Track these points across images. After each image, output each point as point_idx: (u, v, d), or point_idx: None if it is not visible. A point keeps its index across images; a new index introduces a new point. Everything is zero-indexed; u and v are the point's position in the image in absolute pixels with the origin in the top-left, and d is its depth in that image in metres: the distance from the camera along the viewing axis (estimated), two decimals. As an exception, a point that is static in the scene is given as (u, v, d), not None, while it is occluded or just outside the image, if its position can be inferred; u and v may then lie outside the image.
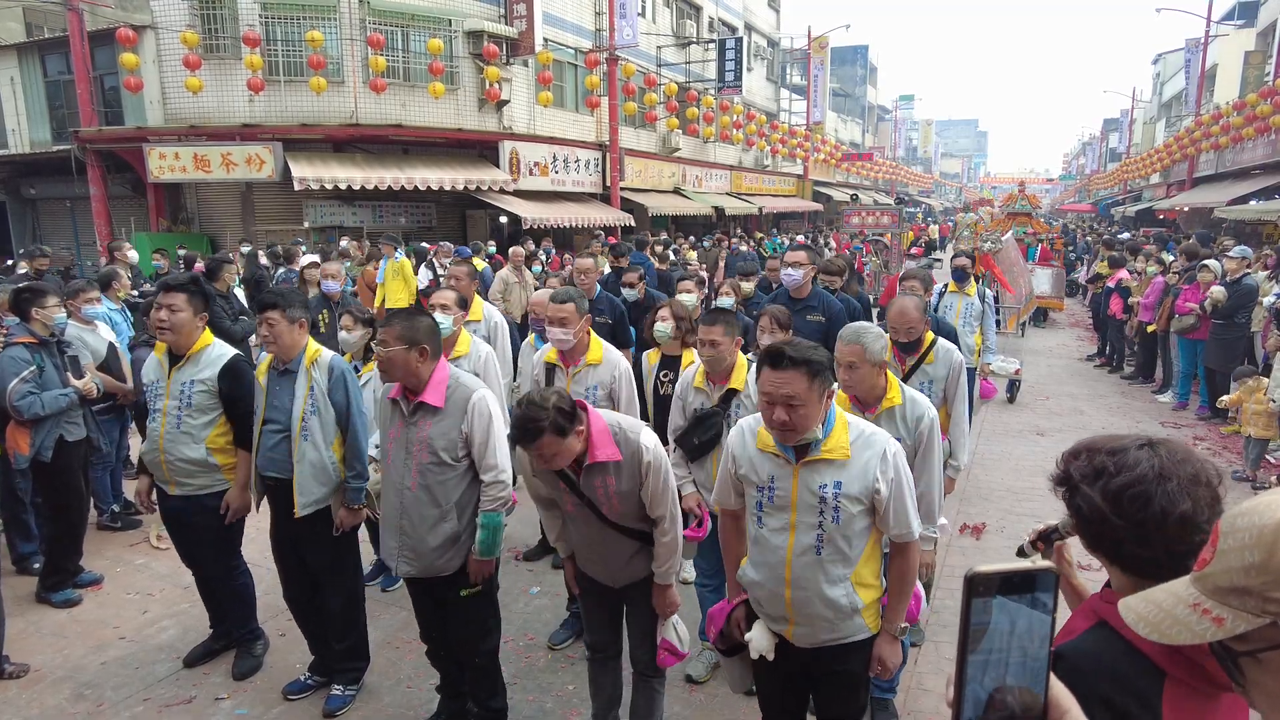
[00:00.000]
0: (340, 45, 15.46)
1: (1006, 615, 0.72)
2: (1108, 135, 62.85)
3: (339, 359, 3.82)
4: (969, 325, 7.13)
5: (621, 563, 3.08)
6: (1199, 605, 0.90)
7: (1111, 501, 1.31)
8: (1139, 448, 1.34)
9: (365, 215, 16.70)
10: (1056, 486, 1.44)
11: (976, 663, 0.72)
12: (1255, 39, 27.01)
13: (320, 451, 3.64)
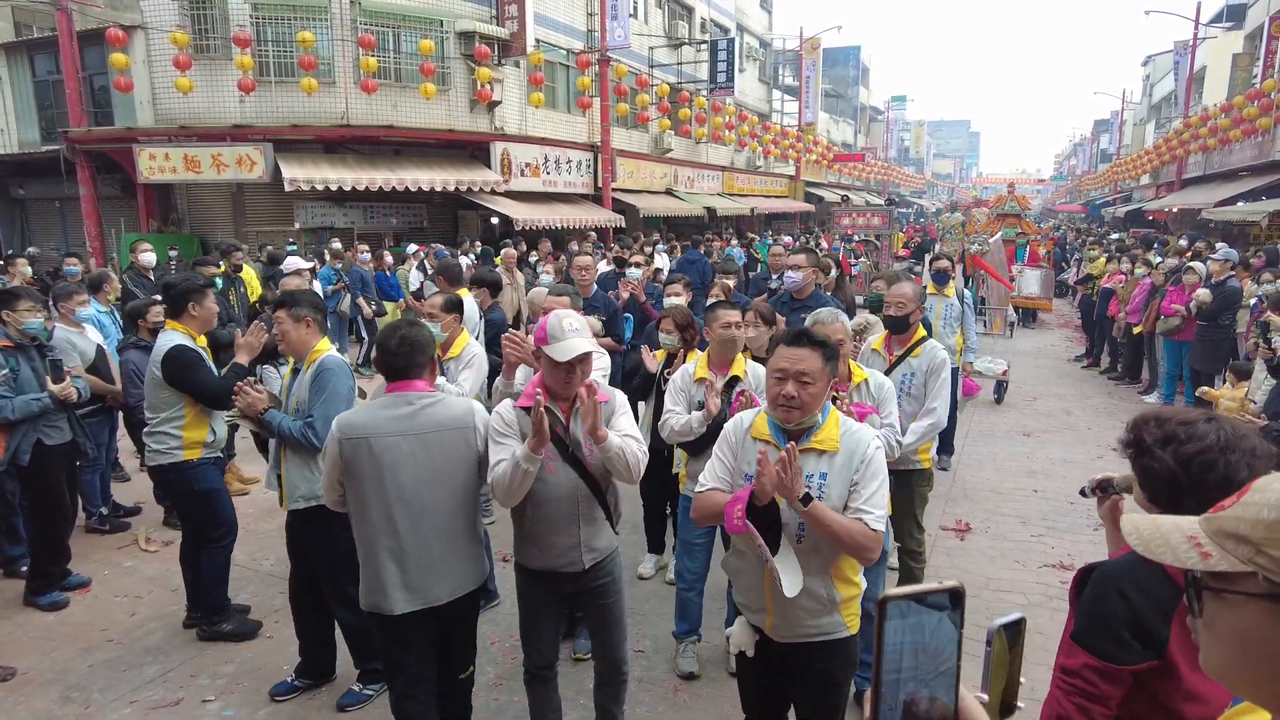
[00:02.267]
0: (331, 46, 15.44)
1: (919, 632, 0.76)
2: (1098, 136, 63.20)
3: (333, 357, 3.76)
4: (949, 326, 7.21)
5: (592, 534, 3.02)
6: (1195, 539, 0.96)
7: (1183, 465, 1.54)
8: (1206, 421, 1.58)
9: (356, 216, 16.69)
10: (1125, 449, 1.68)
11: (892, 677, 0.76)
12: (1243, 42, 27.17)
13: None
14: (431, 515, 2.94)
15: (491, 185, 16.56)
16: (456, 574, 3.03)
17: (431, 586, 2.97)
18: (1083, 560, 5.45)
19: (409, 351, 2.95)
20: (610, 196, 20.09)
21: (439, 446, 2.93)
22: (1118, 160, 44.08)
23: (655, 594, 5.02)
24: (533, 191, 18.16)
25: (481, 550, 3.20)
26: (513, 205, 16.85)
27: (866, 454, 2.52)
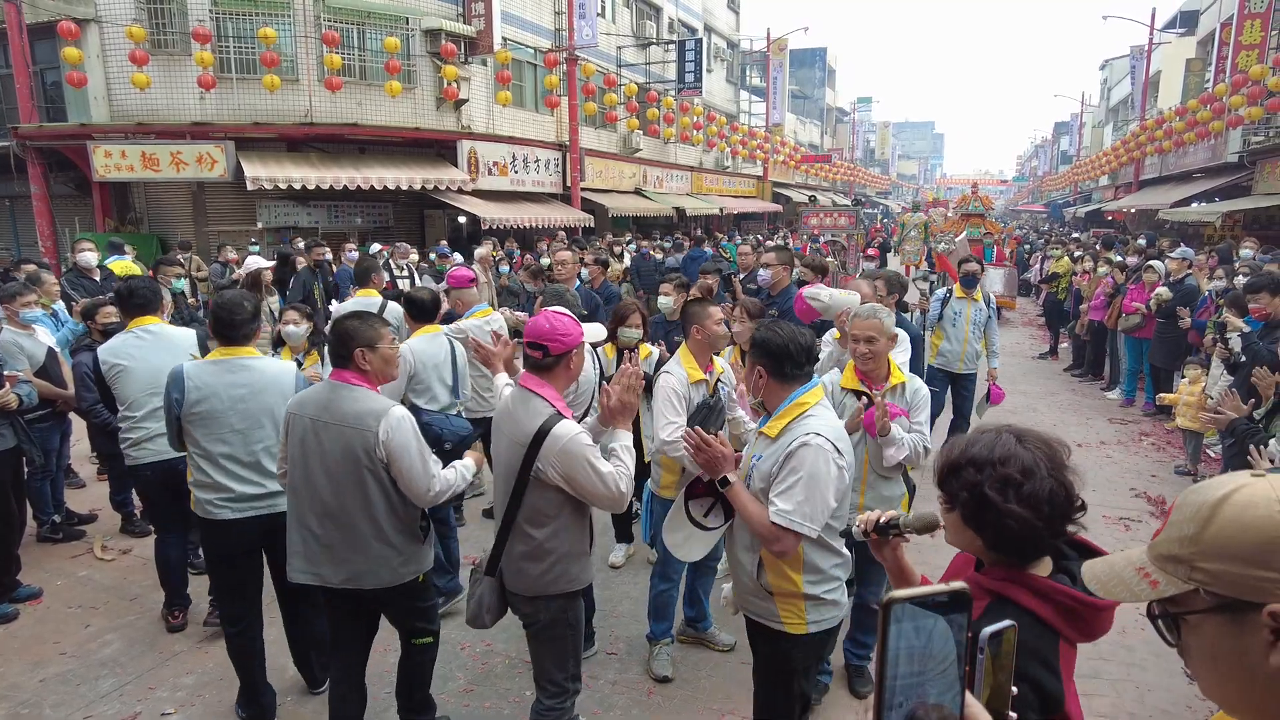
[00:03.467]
0: (294, 43, 15.18)
1: (922, 637, 0.73)
2: (1059, 138, 64.35)
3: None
4: (976, 331, 7.12)
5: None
6: (1142, 569, 1.00)
7: (1033, 508, 1.45)
8: (1018, 444, 1.48)
9: (320, 215, 16.42)
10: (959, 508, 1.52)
11: (895, 683, 0.73)
12: (1195, 47, 27.84)
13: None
14: (327, 502, 3.03)
15: (459, 184, 16.39)
16: (354, 566, 3.06)
17: (323, 567, 3.07)
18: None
19: (335, 342, 3.07)
20: (579, 196, 20.01)
21: (337, 439, 2.97)
22: (1078, 162, 44.95)
23: (628, 595, 4.98)
24: (501, 190, 18.02)
25: (400, 557, 3.12)
26: (480, 204, 16.70)
27: (791, 447, 2.58)
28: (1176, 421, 7.31)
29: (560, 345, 2.77)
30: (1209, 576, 0.92)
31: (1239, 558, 0.90)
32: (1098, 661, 4.24)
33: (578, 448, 2.67)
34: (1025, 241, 21.25)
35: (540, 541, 2.79)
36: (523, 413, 2.76)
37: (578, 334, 2.82)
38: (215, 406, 3.47)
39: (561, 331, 2.77)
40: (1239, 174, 20.72)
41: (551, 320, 2.81)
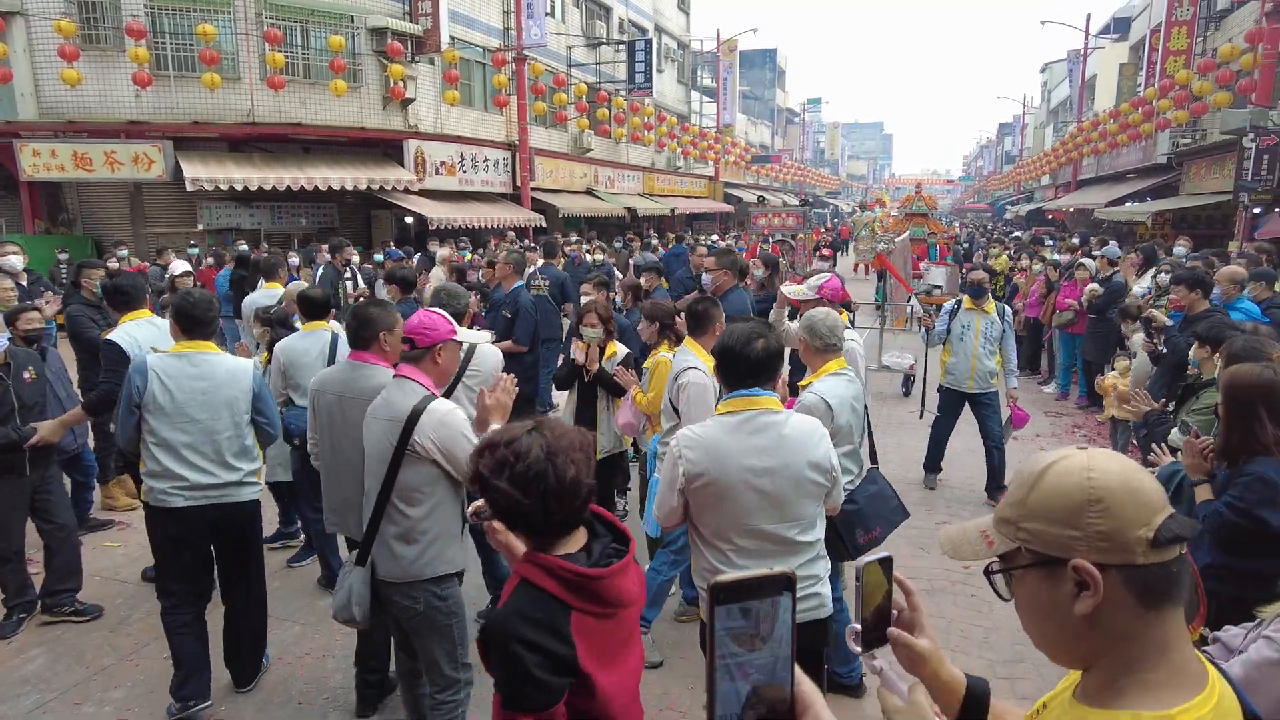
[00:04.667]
0: (235, 40, 14.85)
1: (749, 619, 0.77)
2: (1003, 139, 66.02)
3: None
4: (988, 347, 6.54)
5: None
6: (984, 531, 1.14)
7: (519, 485, 1.64)
8: (528, 433, 1.69)
9: (263, 217, 16.11)
10: (472, 485, 1.75)
11: (725, 665, 0.76)
12: (1128, 52, 28.81)
13: None
14: (355, 466, 3.24)
15: (405, 184, 16.22)
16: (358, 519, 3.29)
17: (350, 521, 3.45)
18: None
19: (358, 326, 3.40)
20: (529, 196, 19.93)
21: (359, 412, 3.17)
22: (1020, 162, 46.17)
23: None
24: (448, 190, 17.87)
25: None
26: (428, 204, 16.54)
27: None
28: (1105, 413, 7.56)
29: (426, 339, 2.98)
30: (1030, 535, 1.06)
31: (1052, 519, 1.04)
32: (1023, 646, 4.37)
33: (455, 421, 2.88)
34: (960, 241, 21.77)
35: (415, 521, 2.90)
36: (398, 395, 2.93)
37: (445, 330, 3.02)
38: (178, 397, 3.59)
39: (429, 326, 3.00)
40: (1168, 174, 21.51)
41: (423, 317, 3.04)
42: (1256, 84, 14.85)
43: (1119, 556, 1.00)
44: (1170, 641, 1.03)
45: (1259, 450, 2.81)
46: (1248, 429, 2.83)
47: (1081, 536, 1.01)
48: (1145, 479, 1.04)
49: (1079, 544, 1.02)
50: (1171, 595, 1.02)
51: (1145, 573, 1.01)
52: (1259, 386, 2.80)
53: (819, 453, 2.65)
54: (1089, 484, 1.03)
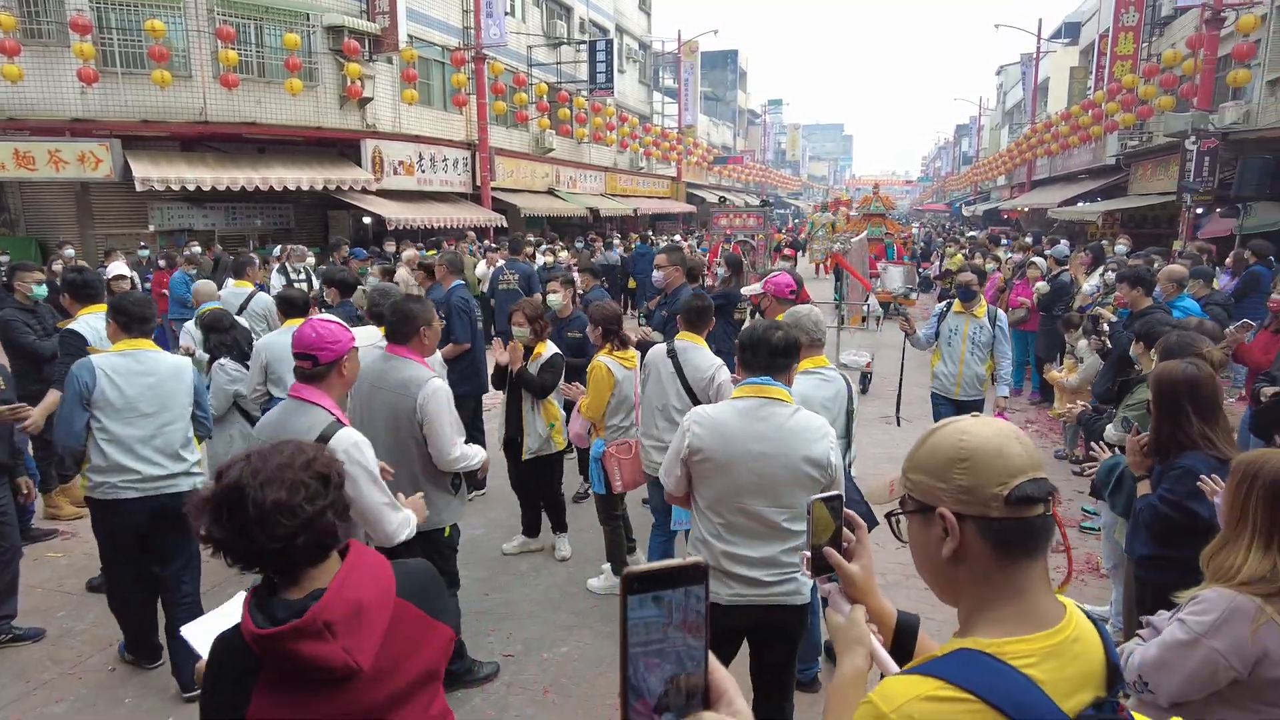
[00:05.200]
0: (186, 37, 14.52)
1: (663, 608, 0.78)
2: (960, 140, 67.18)
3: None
4: (976, 354, 6.28)
5: None
6: (891, 481, 1.31)
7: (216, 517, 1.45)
8: (236, 464, 1.49)
9: (217, 218, 15.78)
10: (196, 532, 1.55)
11: (637, 654, 0.77)
12: (1079, 56, 29.53)
13: None
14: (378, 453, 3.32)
15: (363, 184, 16.02)
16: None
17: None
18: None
19: (398, 321, 3.57)
20: (489, 196, 19.81)
21: (385, 402, 3.51)
22: (977, 163, 47.03)
23: (529, 597, 4.98)
24: (407, 190, 17.68)
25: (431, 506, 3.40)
26: (386, 204, 16.36)
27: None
28: (1056, 409, 7.74)
29: (330, 353, 2.76)
30: (913, 485, 1.23)
31: (928, 471, 1.21)
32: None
33: (360, 456, 2.69)
34: (916, 241, 22.16)
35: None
36: (301, 423, 2.70)
37: (347, 340, 2.81)
38: (127, 393, 3.71)
39: (330, 339, 2.76)
40: (1117, 175, 22.11)
41: (318, 329, 2.77)
42: (1197, 88, 15.32)
43: (976, 509, 1.15)
44: (1021, 587, 1.16)
45: (1187, 445, 2.91)
46: (1175, 424, 2.93)
47: (947, 489, 1.17)
48: (1012, 446, 1.16)
49: (945, 495, 1.18)
50: (1025, 548, 1.16)
51: (999, 525, 1.15)
52: (1184, 382, 2.90)
53: (817, 449, 2.75)
54: (959, 444, 1.18)
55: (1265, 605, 1.97)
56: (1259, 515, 2.02)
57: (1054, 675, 1.11)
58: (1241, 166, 13.16)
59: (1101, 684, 1.14)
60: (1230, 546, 2.08)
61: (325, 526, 1.51)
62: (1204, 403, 2.91)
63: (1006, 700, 1.06)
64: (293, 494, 1.46)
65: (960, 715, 1.07)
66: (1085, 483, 5.77)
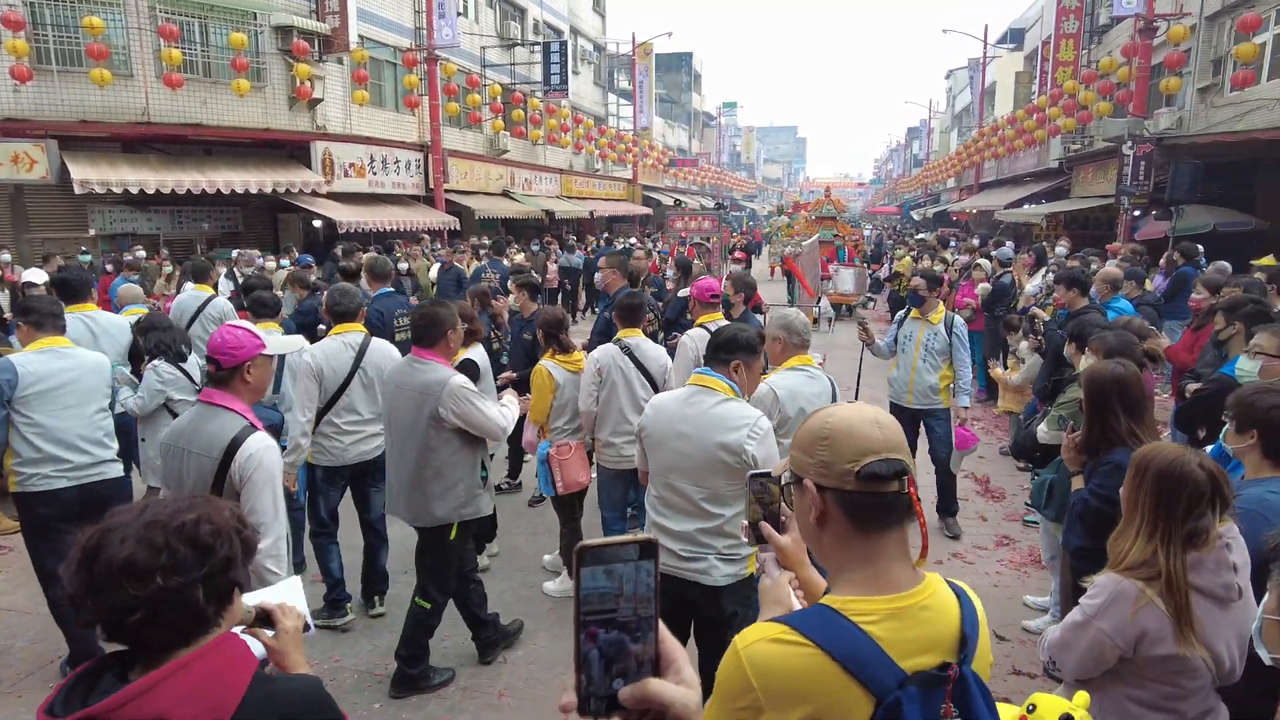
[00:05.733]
0: (127, 34, 14.14)
1: (613, 580, 0.82)
2: (911, 143, 68.44)
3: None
4: (929, 361, 5.93)
5: None
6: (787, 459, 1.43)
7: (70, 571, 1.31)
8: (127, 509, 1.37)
9: (162, 221, 15.39)
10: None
11: (589, 623, 0.82)
12: (1023, 61, 30.32)
13: None
14: (404, 452, 3.80)
15: (313, 187, 15.77)
16: (414, 505, 3.81)
17: (399, 506, 3.90)
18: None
19: (425, 325, 3.78)
20: (443, 198, 19.66)
21: (409, 402, 3.74)
22: (927, 165, 47.96)
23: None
24: (358, 193, 17.46)
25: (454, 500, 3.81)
26: (336, 207, 16.12)
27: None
28: (1000, 406, 7.96)
29: (231, 359, 2.75)
30: (792, 459, 1.37)
31: (801, 447, 1.35)
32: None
33: (271, 462, 2.70)
34: (868, 243, 22.59)
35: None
36: (212, 427, 2.71)
37: (252, 346, 2.78)
38: (51, 386, 3.89)
39: (233, 345, 2.75)
40: (1060, 178, 22.75)
41: (224, 334, 2.78)
42: (1133, 95, 15.87)
43: (834, 482, 1.29)
44: (874, 555, 1.29)
45: (1116, 441, 3.05)
46: (1105, 422, 3.08)
47: (813, 463, 1.32)
48: (868, 428, 1.29)
49: (810, 468, 1.32)
50: (878, 520, 1.28)
51: (852, 497, 1.28)
52: (1112, 381, 3.05)
53: (732, 437, 2.96)
54: (824, 424, 1.32)
55: (1146, 588, 2.10)
56: (1146, 505, 2.15)
57: (894, 635, 1.23)
58: (1174, 171, 13.66)
59: (952, 651, 1.26)
60: (1124, 534, 2.21)
61: (184, 606, 1.30)
62: (1132, 401, 3.06)
63: (839, 650, 1.20)
64: (151, 558, 1.28)
65: (796, 658, 1.22)
66: (1029, 478, 5.97)
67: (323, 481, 4.65)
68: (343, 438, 4.54)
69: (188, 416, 2.85)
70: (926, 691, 1.22)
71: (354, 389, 4.51)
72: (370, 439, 4.62)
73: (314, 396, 4.40)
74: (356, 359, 4.53)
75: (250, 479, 2.64)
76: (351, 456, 4.57)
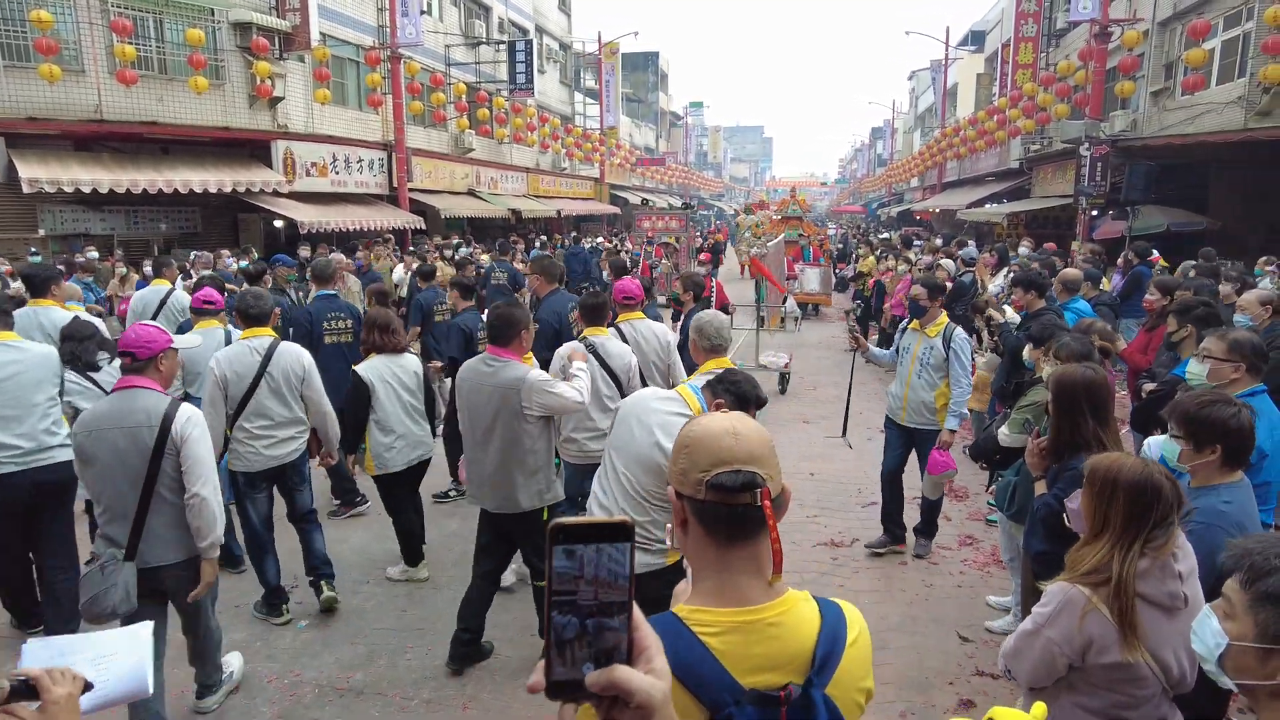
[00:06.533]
0: (78, 29, 13.77)
1: (587, 562, 0.81)
2: (875, 142, 69.17)
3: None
4: (924, 377, 5.46)
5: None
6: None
7: None
8: None
9: (117, 222, 15.00)
10: None
11: (560, 603, 0.80)
12: (984, 63, 30.79)
13: None
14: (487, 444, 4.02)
15: (274, 186, 15.50)
16: (501, 493, 4.05)
17: (485, 495, 4.13)
18: (851, 536, 5.97)
19: (501, 324, 4.02)
20: (407, 197, 19.44)
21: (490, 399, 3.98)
22: (891, 165, 48.52)
23: (448, 611, 4.91)
24: (320, 192, 17.19)
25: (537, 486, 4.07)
26: (298, 207, 15.86)
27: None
28: (971, 405, 8.03)
29: (146, 351, 3.36)
30: (670, 472, 1.36)
31: (671, 456, 1.36)
32: (887, 634, 4.62)
33: (201, 423, 3.42)
34: (834, 242, 22.79)
35: (182, 506, 3.39)
36: (140, 404, 3.32)
37: (162, 341, 3.41)
38: (2, 376, 4.12)
39: (147, 339, 3.37)
40: (1021, 178, 23.15)
41: (137, 331, 3.40)
42: (1089, 98, 16.19)
43: (689, 490, 1.29)
44: (724, 566, 1.28)
45: (1082, 446, 3.08)
46: (1073, 426, 3.10)
47: (675, 470, 1.32)
48: (724, 440, 1.28)
49: (674, 475, 1.33)
50: (728, 532, 1.27)
51: (703, 507, 1.27)
52: (1082, 385, 3.08)
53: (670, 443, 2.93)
54: (686, 433, 1.35)
55: (1092, 595, 2.11)
56: (1118, 519, 2.13)
57: (735, 649, 1.23)
58: (1129, 173, 13.96)
59: (800, 671, 1.25)
60: (1090, 546, 2.20)
61: None
62: (1099, 404, 3.11)
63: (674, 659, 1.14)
64: None
65: None
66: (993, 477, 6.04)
67: (245, 487, 4.64)
68: (255, 442, 4.56)
69: (110, 400, 3.38)
70: (762, 711, 1.20)
71: (261, 393, 4.53)
72: (285, 443, 4.64)
73: (218, 402, 4.47)
74: (263, 363, 4.53)
75: (189, 437, 3.33)
76: (268, 461, 4.60)
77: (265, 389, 4.54)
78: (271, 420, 4.58)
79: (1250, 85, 12.80)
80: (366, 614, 4.88)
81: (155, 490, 3.30)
